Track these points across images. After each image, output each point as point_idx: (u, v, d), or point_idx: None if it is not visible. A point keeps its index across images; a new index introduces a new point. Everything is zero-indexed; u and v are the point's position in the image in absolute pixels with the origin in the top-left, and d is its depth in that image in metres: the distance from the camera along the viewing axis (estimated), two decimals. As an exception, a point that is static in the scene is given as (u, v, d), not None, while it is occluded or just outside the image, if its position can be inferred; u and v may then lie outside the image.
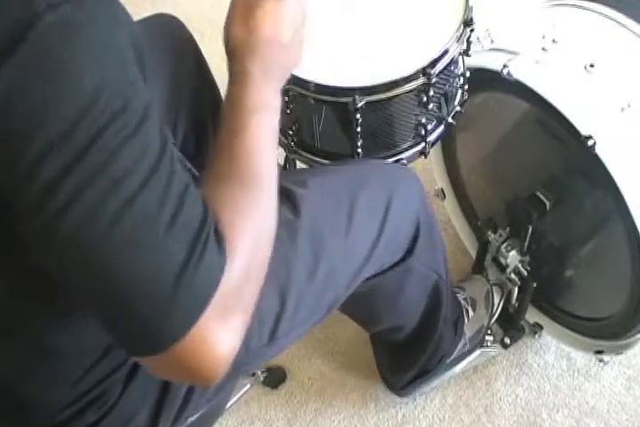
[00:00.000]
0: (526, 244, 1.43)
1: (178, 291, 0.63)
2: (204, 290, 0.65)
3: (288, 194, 1.00)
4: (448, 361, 1.47)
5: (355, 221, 1.02)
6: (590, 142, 1.11)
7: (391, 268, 1.12)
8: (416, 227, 1.12)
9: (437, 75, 1.12)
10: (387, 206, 1.05)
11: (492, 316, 1.50)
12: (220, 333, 0.67)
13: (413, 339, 1.36)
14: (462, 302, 1.49)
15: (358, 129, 1.15)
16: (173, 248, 0.63)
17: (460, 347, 1.48)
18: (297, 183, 1.03)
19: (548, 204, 1.35)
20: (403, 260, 1.13)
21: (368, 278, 1.09)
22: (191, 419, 1.01)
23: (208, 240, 0.65)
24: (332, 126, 1.20)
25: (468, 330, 1.48)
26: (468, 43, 1.19)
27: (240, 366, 0.97)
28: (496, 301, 1.51)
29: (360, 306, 1.19)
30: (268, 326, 0.97)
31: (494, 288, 1.52)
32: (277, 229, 0.94)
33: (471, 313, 1.49)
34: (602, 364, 1.52)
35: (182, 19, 1.28)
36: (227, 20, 0.83)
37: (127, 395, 0.89)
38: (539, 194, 1.35)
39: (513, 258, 1.45)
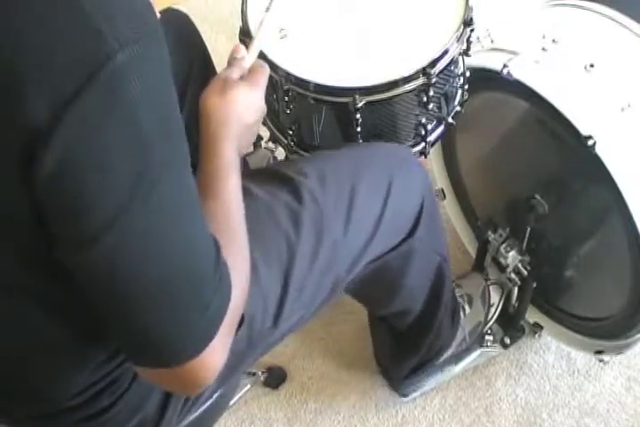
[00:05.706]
0: (525, 244, 1.44)
1: (208, 309, 0.69)
2: (223, 309, 0.71)
3: (290, 181, 1.03)
4: (447, 355, 1.47)
5: (356, 205, 1.04)
6: (590, 142, 1.11)
7: (394, 249, 1.13)
8: (419, 208, 1.12)
9: (437, 75, 1.12)
10: (388, 188, 1.06)
11: (489, 314, 1.51)
12: (223, 349, 0.73)
13: (416, 324, 1.36)
14: (459, 298, 1.50)
15: (358, 129, 1.15)
16: (206, 270, 0.69)
17: (458, 341, 1.48)
18: (297, 172, 1.06)
19: (547, 204, 1.35)
20: (404, 240, 1.13)
21: (372, 260, 1.09)
22: (195, 414, 1.02)
23: (222, 264, 0.71)
24: (332, 126, 1.20)
25: (467, 324, 1.49)
26: (468, 43, 1.19)
27: (243, 351, 0.98)
28: (495, 300, 1.51)
29: (366, 288, 1.19)
30: (272, 308, 0.99)
31: (493, 287, 1.52)
32: (280, 213, 1.00)
33: (467, 309, 1.49)
34: (602, 364, 1.52)
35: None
36: (206, 90, 0.94)
37: (138, 381, 0.90)
38: (538, 194, 1.35)
39: (513, 258, 1.45)
